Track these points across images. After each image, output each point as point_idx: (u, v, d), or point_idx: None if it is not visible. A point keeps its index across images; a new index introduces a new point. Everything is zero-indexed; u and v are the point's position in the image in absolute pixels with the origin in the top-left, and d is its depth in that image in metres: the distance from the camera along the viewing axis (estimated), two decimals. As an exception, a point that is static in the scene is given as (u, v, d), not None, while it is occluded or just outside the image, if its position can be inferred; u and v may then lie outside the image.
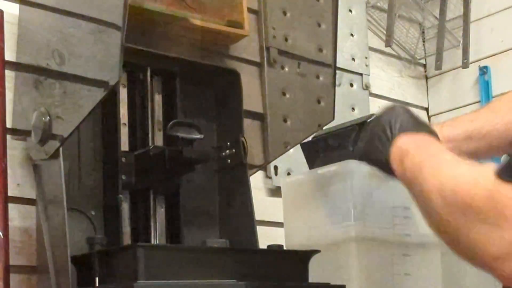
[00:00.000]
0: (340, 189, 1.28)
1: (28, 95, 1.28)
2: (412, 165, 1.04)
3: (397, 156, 1.09)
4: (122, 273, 1.07)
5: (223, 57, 1.59)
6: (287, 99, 1.66)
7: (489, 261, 0.86)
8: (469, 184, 0.89)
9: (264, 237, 1.39)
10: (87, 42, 1.11)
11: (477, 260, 0.89)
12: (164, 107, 1.39)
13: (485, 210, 0.86)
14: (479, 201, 0.86)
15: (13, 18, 1.33)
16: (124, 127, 1.34)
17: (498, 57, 2.13)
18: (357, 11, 2.07)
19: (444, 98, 2.24)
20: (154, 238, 1.33)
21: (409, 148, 1.08)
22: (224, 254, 1.14)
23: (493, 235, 0.85)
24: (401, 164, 1.07)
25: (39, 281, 1.24)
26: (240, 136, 1.44)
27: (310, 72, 1.60)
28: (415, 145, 1.08)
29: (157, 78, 1.40)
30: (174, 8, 1.44)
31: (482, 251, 0.87)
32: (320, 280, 1.22)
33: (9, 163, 1.26)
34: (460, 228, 0.89)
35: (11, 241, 1.24)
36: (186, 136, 1.33)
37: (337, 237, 1.27)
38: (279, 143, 1.62)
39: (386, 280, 1.27)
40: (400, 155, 1.08)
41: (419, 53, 2.24)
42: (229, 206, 1.45)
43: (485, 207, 0.86)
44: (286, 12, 1.71)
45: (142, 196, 1.34)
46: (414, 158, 1.05)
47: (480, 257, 0.88)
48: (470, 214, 0.87)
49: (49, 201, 1.20)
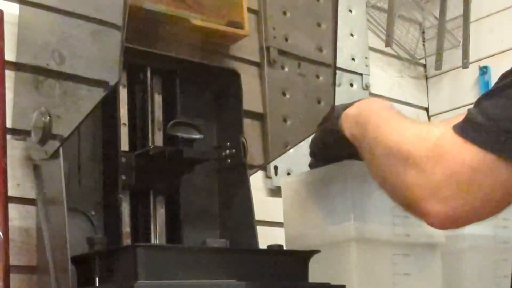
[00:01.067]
0: (340, 189, 1.28)
1: (28, 95, 1.28)
2: (360, 124, 1.11)
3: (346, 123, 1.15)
4: (122, 273, 1.07)
5: (223, 57, 1.59)
6: (287, 99, 1.66)
7: (417, 202, 0.91)
8: (414, 136, 0.94)
9: (264, 237, 1.39)
10: (87, 42, 1.11)
11: (409, 203, 0.94)
12: (164, 107, 1.39)
13: (423, 157, 0.90)
14: (419, 151, 0.91)
15: (13, 18, 1.33)
16: (124, 127, 1.34)
17: (498, 57, 2.13)
18: (357, 11, 2.07)
19: (444, 98, 2.24)
20: (154, 238, 1.33)
21: (354, 112, 1.15)
22: (224, 254, 1.14)
23: (424, 178, 0.90)
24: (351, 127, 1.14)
25: (39, 281, 1.24)
26: (240, 136, 1.44)
27: (310, 72, 1.60)
28: (359, 109, 1.15)
29: (157, 78, 1.40)
30: (174, 8, 1.44)
31: (413, 193, 0.91)
32: (320, 280, 1.22)
33: (9, 163, 1.26)
34: (398, 176, 0.94)
35: (11, 241, 1.24)
36: (186, 136, 1.33)
37: (337, 237, 1.27)
38: (279, 143, 1.62)
39: (386, 280, 1.27)
40: (347, 121, 1.15)
41: (419, 53, 2.24)
42: (229, 206, 1.45)
43: (424, 155, 0.90)
44: (286, 12, 1.71)
45: (142, 196, 1.34)
46: (360, 117, 1.11)
47: (411, 200, 0.92)
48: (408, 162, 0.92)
49: (49, 201, 1.20)
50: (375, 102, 1.17)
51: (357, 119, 1.13)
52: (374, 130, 1.05)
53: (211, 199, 1.46)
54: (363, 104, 1.16)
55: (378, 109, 1.10)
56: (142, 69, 1.37)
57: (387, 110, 1.09)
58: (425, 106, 2.26)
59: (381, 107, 1.11)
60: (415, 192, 0.91)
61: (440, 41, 2.16)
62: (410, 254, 1.30)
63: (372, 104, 1.15)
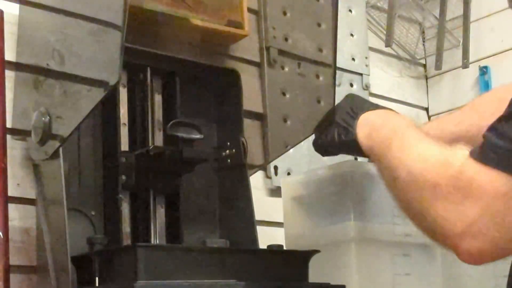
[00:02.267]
0: (340, 189, 1.28)
1: (28, 95, 1.28)
2: (380, 139, 1.05)
3: (365, 130, 1.09)
4: (122, 273, 1.07)
5: (223, 57, 1.59)
6: (287, 99, 1.66)
7: (449, 238, 0.87)
8: (438, 163, 0.90)
9: (264, 237, 1.39)
10: (87, 42, 1.11)
11: (438, 236, 0.90)
12: (164, 107, 1.39)
13: (450, 188, 0.86)
14: (446, 179, 0.87)
15: (13, 18, 1.33)
16: (124, 127, 1.34)
17: (498, 57, 2.13)
18: (357, 11, 2.07)
19: (444, 98, 2.24)
20: (154, 238, 1.33)
21: (376, 122, 1.09)
22: (224, 254, 1.14)
23: (455, 213, 0.86)
24: (369, 137, 1.08)
25: (39, 281, 1.24)
26: (240, 136, 1.44)
27: (310, 72, 1.60)
28: (381, 120, 1.09)
29: (157, 78, 1.40)
30: (174, 8, 1.44)
31: (443, 228, 0.87)
32: (320, 280, 1.22)
33: (9, 163, 1.26)
34: (425, 205, 0.90)
35: (11, 241, 1.24)
36: (186, 136, 1.33)
37: (337, 237, 1.27)
38: (279, 143, 1.62)
39: (386, 280, 1.27)
40: (367, 128, 1.09)
41: (419, 53, 2.24)
42: (229, 206, 1.45)
43: (451, 185, 0.86)
44: (286, 12, 1.71)
45: (142, 196, 1.34)
46: (381, 132, 1.06)
47: (441, 234, 0.89)
48: (435, 192, 0.88)
49: (49, 201, 1.20)
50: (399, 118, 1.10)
51: (378, 131, 1.08)
52: (397, 151, 0.99)
53: (211, 199, 1.46)
54: (387, 116, 1.10)
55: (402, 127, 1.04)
56: (142, 69, 1.37)
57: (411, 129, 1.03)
58: (425, 106, 2.27)
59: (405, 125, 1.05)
60: (446, 226, 0.87)
61: (440, 41, 2.16)
62: (410, 254, 1.31)
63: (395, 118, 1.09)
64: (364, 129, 1.10)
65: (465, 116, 1.30)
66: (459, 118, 1.30)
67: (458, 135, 1.28)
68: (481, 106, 1.29)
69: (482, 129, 1.26)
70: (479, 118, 1.27)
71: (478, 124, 1.27)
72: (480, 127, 1.26)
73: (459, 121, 1.29)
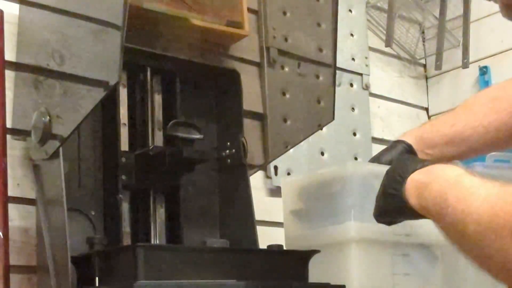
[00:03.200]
0: (340, 189, 1.28)
1: (28, 95, 1.28)
2: (433, 196, 0.98)
3: (413, 191, 1.03)
4: (122, 273, 1.07)
5: (223, 57, 1.59)
6: (287, 99, 1.66)
7: None
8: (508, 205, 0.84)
9: (264, 237, 1.39)
10: (87, 42, 1.11)
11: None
12: (164, 107, 1.39)
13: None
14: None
15: (13, 18, 1.33)
16: (124, 127, 1.34)
17: (498, 57, 2.12)
18: (357, 11, 2.07)
19: (444, 98, 2.24)
20: (154, 238, 1.33)
21: (424, 181, 1.02)
22: (224, 254, 1.14)
23: None
24: (420, 197, 1.02)
25: (39, 281, 1.24)
26: (240, 136, 1.44)
27: (310, 72, 1.60)
28: (428, 176, 1.02)
29: (157, 78, 1.40)
30: (174, 8, 1.44)
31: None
32: (320, 280, 1.22)
33: (9, 163, 1.26)
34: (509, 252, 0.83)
35: (11, 241, 1.24)
36: (186, 136, 1.33)
37: (337, 237, 1.27)
38: (279, 143, 1.62)
39: (386, 280, 1.27)
40: (416, 189, 1.03)
41: (419, 53, 2.24)
42: (229, 206, 1.45)
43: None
44: (286, 12, 1.71)
45: (142, 196, 1.34)
46: (433, 188, 0.99)
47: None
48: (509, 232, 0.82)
49: (49, 201, 1.20)
50: (446, 169, 1.02)
51: (429, 189, 1.01)
52: (457, 204, 0.93)
53: (211, 199, 1.46)
54: (433, 171, 1.03)
55: (452, 177, 0.98)
56: (142, 69, 1.37)
57: (463, 176, 0.97)
58: (425, 106, 2.26)
59: (455, 175, 0.98)
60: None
61: (440, 41, 2.16)
62: (410, 254, 1.30)
63: (443, 171, 1.01)
64: (413, 191, 1.03)
65: (459, 117, 1.30)
66: (453, 120, 1.30)
67: (453, 136, 1.28)
68: (474, 107, 1.30)
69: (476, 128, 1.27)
70: (473, 119, 1.28)
71: (472, 125, 1.27)
72: (474, 127, 1.27)
73: (454, 122, 1.30)
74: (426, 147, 1.30)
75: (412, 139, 1.30)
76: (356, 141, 1.96)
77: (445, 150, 1.29)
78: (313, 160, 1.80)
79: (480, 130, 1.27)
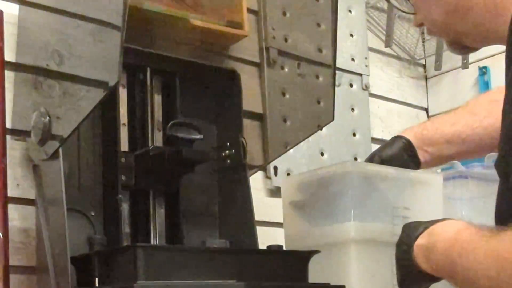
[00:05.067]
0: (340, 189, 1.28)
1: (27, 96, 1.28)
2: (440, 257, 0.99)
3: (421, 257, 1.03)
4: (121, 274, 1.07)
5: (223, 57, 1.59)
6: (287, 99, 1.66)
7: None
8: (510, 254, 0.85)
9: (264, 237, 1.39)
10: (86, 42, 1.11)
11: None
12: (164, 107, 1.40)
13: None
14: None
15: (12, 18, 1.33)
16: (124, 128, 1.34)
17: (498, 57, 2.12)
18: (356, 12, 2.07)
19: (444, 98, 2.24)
20: (153, 239, 1.33)
21: (427, 244, 1.03)
22: (224, 254, 1.14)
23: None
24: (429, 261, 1.02)
25: (39, 281, 1.24)
26: (239, 137, 1.44)
27: (310, 73, 1.60)
28: (431, 238, 1.03)
29: (157, 78, 1.40)
30: (174, 9, 1.44)
31: None
32: (320, 280, 1.22)
33: (9, 163, 1.26)
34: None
35: (11, 241, 1.24)
36: (185, 137, 1.33)
37: (337, 237, 1.27)
38: (278, 143, 1.62)
39: (386, 280, 1.27)
40: (423, 255, 1.03)
41: (419, 53, 2.24)
42: (229, 206, 1.45)
43: None
44: (285, 12, 1.71)
45: (142, 196, 1.34)
46: (438, 250, 1.00)
47: None
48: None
49: (49, 201, 1.20)
50: (446, 227, 1.03)
51: (434, 252, 1.01)
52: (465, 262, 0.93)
53: (211, 199, 1.46)
54: (436, 231, 1.03)
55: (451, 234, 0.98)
56: (142, 69, 1.37)
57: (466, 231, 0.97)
58: (424, 107, 2.26)
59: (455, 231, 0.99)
60: None
61: (440, 41, 2.16)
62: (410, 254, 1.30)
63: (443, 230, 1.02)
64: (421, 257, 1.04)
65: (460, 117, 1.31)
66: (453, 119, 1.31)
67: (452, 135, 1.29)
68: (475, 108, 1.31)
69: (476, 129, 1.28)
70: (473, 120, 1.29)
71: (471, 126, 1.28)
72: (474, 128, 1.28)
73: (454, 122, 1.30)
74: (425, 144, 1.30)
75: (412, 135, 1.31)
76: (356, 141, 1.96)
77: (444, 148, 1.30)
78: (313, 160, 1.80)
79: (480, 131, 1.28)
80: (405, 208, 1.30)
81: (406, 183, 1.32)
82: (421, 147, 1.30)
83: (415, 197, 1.32)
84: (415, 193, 1.32)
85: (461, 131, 1.29)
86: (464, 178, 1.54)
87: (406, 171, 1.31)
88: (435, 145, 1.30)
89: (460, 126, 1.29)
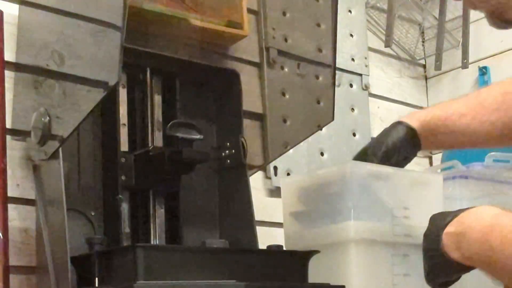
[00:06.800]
0: (340, 189, 1.28)
1: (27, 96, 1.28)
2: (474, 245, 0.97)
3: (451, 245, 1.01)
4: (121, 274, 1.07)
5: (222, 57, 1.59)
6: (287, 99, 1.66)
7: None
8: None
9: (264, 237, 1.39)
10: (86, 42, 1.11)
11: None
12: (164, 107, 1.39)
13: None
14: None
15: (12, 18, 1.33)
16: (124, 128, 1.34)
17: (498, 57, 2.13)
18: (356, 12, 2.07)
19: (444, 98, 2.23)
20: (153, 239, 1.33)
21: (459, 231, 1.00)
22: (224, 254, 1.14)
23: None
24: (460, 249, 1.00)
25: (39, 281, 1.24)
26: (239, 137, 1.44)
27: (310, 73, 1.60)
28: (462, 226, 1.00)
29: (157, 78, 1.40)
30: (174, 9, 1.45)
31: None
32: (320, 280, 1.22)
33: (9, 163, 1.26)
34: None
35: (11, 241, 1.24)
36: (185, 137, 1.33)
37: (337, 238, 1.27)
38: (278, 144, 1.62)
39: (386, 280, 1.27)
40: (453, 243, 1.01)
41: (419, 53, 2.24)
42: (229, 206, 1.45)
43: None
44: (285, 12, 1.71)
45: (142, 196, 1.34)
46: (471, 237, 0.98)
47: None
48: None
49: (49, 201, 1.20)
50: (480, 213, 1.01)
51: (466, 239, 0.99)
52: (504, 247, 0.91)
53: (211, 199, 1.46)
54: (466, 219, 1.01)
55: (487, 220, 0.96)
56: (142, 69, 1.37)
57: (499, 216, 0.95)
58: (424, 107, 2.26)
59: (490, 216, 0.97)
60: None
61: (440, 41, 2.16)
62: (409, 254, 1.30)
63: (477, 215, 1.01)
64: (451, 245, 1.02)
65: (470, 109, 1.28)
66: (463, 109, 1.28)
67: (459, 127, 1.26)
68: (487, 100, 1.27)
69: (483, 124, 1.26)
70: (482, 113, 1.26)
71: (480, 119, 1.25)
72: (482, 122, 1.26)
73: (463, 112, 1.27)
74: (431, 134, 1.28)
75: (417, 123, 1.28)
76: (356, 141, 1.96)
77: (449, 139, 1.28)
78: (312, 160, 1.81)
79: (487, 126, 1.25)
80: (405, 208, 1.30)
81: (406, 183, 1.32)
82: (426, 136, 1.27)
83: (415, 197, 1.32)
84: (415, 193, 1.32)
85: (469, 123, 1.26)
86: (464, 178, 1.54)
87: (406, 171, 1.31)
88: (440, 135, 1.27)
89: (469, 119, 1.26)
